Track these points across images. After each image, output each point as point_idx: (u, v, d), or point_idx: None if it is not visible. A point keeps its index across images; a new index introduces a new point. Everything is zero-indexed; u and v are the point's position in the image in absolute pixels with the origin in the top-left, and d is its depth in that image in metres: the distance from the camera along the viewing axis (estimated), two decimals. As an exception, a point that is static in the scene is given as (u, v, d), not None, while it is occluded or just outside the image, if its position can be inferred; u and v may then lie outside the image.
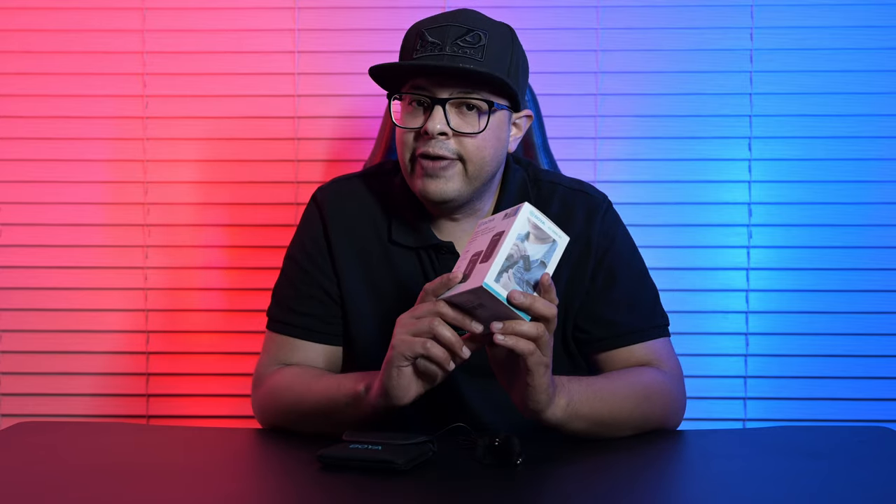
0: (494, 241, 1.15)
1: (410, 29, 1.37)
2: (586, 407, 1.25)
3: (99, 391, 2.18)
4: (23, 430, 1.37)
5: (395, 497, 1.08)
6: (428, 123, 1.31)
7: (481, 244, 1.18)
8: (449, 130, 1.31)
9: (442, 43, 1.31)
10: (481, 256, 1.16)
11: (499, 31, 1.34)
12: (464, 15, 1.34)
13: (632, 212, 1.74)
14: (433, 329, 1.15)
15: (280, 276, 1.48)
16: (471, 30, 1.31)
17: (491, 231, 1.18)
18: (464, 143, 1.32)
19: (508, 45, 1.34)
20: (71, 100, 2.15)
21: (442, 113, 1.30)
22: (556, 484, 1.13)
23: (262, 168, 2.15)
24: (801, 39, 2.11)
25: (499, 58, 1.32)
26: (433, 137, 1.31)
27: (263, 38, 2.14)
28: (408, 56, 1.34)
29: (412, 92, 1.33)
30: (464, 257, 1.19)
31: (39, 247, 2.16)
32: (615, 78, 2.13)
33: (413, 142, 1.33)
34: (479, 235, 1.20)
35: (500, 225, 1.17)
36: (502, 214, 1.19)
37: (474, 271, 1.15)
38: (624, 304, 1.42)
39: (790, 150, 2.12)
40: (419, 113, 1.33)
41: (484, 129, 1.32)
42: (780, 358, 2.14)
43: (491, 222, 1.20)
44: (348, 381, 1.30)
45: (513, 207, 1.18)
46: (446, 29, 1.32)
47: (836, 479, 1.15)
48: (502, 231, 1.15)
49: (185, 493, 1.10)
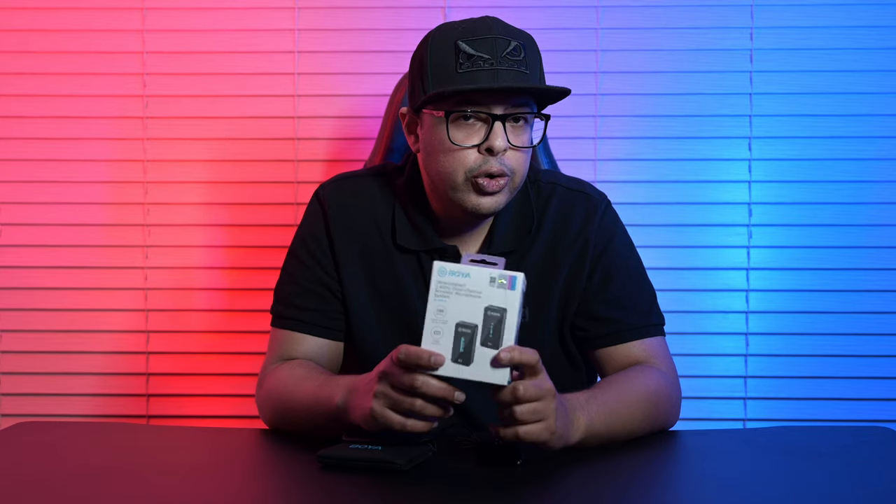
0: (493, 320, 1.11)
1: (438, 39, 1.33)
2: (603, 426, 1.26)
3: (99, 391, 2.18)
4: (23, 430, 1.37)
5: (395, 497, 1.08)
6: (496, 141, 1.29)
7: (463, 313, 1.11)
8: (508, 146, 1.31)
9: (492, 57, 1.29)
10: (480, 337, 1.11)
11: (529, 41, 1.34)
12: (496, 25, 1.32)
13: (632, 212, 1.74)
14: (416, 409, 1.13)
15: (282, 273, 1.48)
16: (510, 41, 1.30)
17: (475, 297, 1.12)
18: (516, 158, 1.32)
19: (538, 53, 1.35)
20: (71, 100, 2.15)
21: (503, 129, 1.30)
22: (556, 484, 1.13)
23: (262, 168, 2.15)
24: (801, 39, 2.11)
25: (536, 67, 1.33)
26: (495, 155, 1.30)
27: (263, 38, 2.14)
28: (449, 69, 1.30)
29: (470, 109, 1.29)
30: (435, 320, 1.12)
31: (39, 247, 2.16)
32: (615, 78, 2.13)
33: (470, 160, 1.31)
34: (453, 294, 1.12)
35: (489, 294, 1.11)
36: (482, 276, 1.12)
37: (478, 355, 1.11)
38: (621, 302, 1.42)
39: (790, 150, 2.12)
40: (472, 130, 1.31)
41: (539, 142, 1.35)
42: (780, 358, 2.14)
43: (462, 278, 1.12)
44: (327, 390, 1.28)
45: (483, 271, 1.12)
46: (491, 42, 1.30)
47: (836, 479, 1.15)
48: (501, 308, 1.11)
49: (185, 493, 1.10)
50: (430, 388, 1.12)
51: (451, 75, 1.30)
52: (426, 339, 1.12)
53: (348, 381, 1.27)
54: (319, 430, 1.29)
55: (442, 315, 1.12)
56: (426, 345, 1.12)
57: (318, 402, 1.29)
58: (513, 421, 1.14)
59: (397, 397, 1.14)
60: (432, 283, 1.13)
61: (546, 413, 1.14)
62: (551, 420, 1.15)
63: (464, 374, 1.11)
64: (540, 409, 1.13)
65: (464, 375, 1.11)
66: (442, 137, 1.31)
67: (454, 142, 1.30)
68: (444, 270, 1.13)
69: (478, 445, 1.22)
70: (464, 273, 1.12)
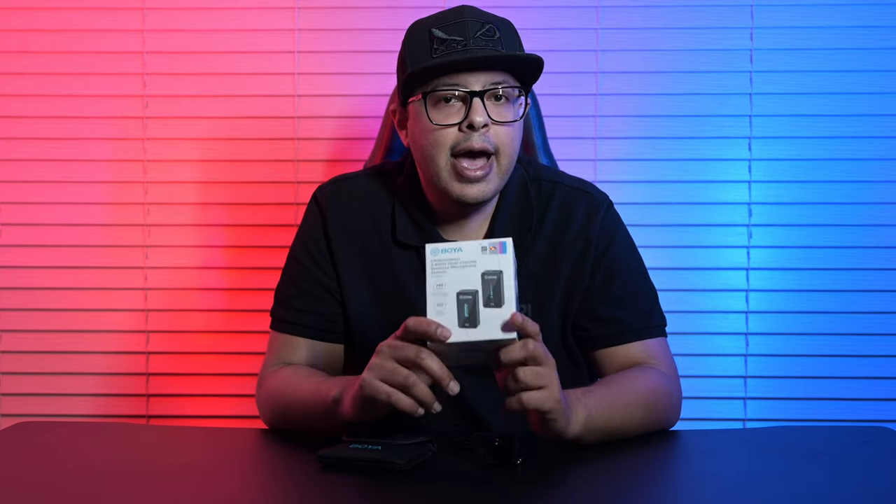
0: (491, 283, 1.13)
1: (415, 31, 1.36)
2: (602, 420, 1.25)
3: (99, 391, 2.18)
4: (23, 430, 1.37)
5: (395, 497, 1.08)
6: (474, 116, 1.29)
7: (462, 282, 1.14)
8: (489, 121, 1.31)
9: (464, 38, 1.30)
10: (482, 300, 1.13)
11: (505, 24, 1.36)
12: (469, 10, 1.34)
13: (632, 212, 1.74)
14: (408, 384, 1.13)
15: (282, 275, 1.48)
16: (484, 23, 1.32)
17: (470, 266, 1.14)
18: (500, 134, 1.32)
19: (516, 37, 1.36)
20: (71, 100, 2.15)
21: (482, 104, 1.30)
22: (556, 484, 1.13)
23: (262, 168, 2.15)
24: (801, 39, 2.11)
25: (513, 46, 1.34)
26: (476, 131, 1.30)
27: (263, 38, 2.14)
28: (425, 56, 1.32)
29: (448, 88, 1.30)
30: (436, 294, 1.14)
31: (39, 247, 2.16)
32: (615, 78, 2.13)
33: (451, 138, 1.31)
34: (449, 268, 1.15)
35: (482, 261, 1.14)
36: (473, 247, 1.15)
37: (483, 316, 1.12)
38: (622, 302, 1.42)
39: (790, 150, 2.12)
40: (452, 110, 1.32)
41: (521, 116, 1.34)
42: (780, 358, 2.14)
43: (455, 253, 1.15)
44: (326, 386, 1.29)
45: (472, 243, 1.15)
46: (463, 24, 1.31)
47: (836, 479, 1.15)
48: (497, 270, 1.13)
49: (185, 493, 1.10)
50: (430, 363, 1.12)
51: (426, 61, 1.31)
52: (430, 312, 1.13)
53: (348, 377, 1.27)
54: (317, 428, 1.29)
55: (442, 288, 1.14)
56: (431, 317, 1.13)
57: (316, 397, 1.29)
58: (516, 386, 1.13)
59: (391, 368, 1.14)
60: (427, 263, 1.15)
61: (549, 379, 1.14)
62: (555, 388, 1.15)
63: (472, 336, 1.13)
64: (543, 374, 1.14)
65: (473, 337, 1.13)
66: (424, 121, 1.32)
67: (434, 121, 1.31)
68: (436, 250, 1.16)
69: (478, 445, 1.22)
70: (455, 248, 1.16)
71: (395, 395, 1.14)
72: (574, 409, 1.22)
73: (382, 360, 1.16)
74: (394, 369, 1.14)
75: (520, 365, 1.13)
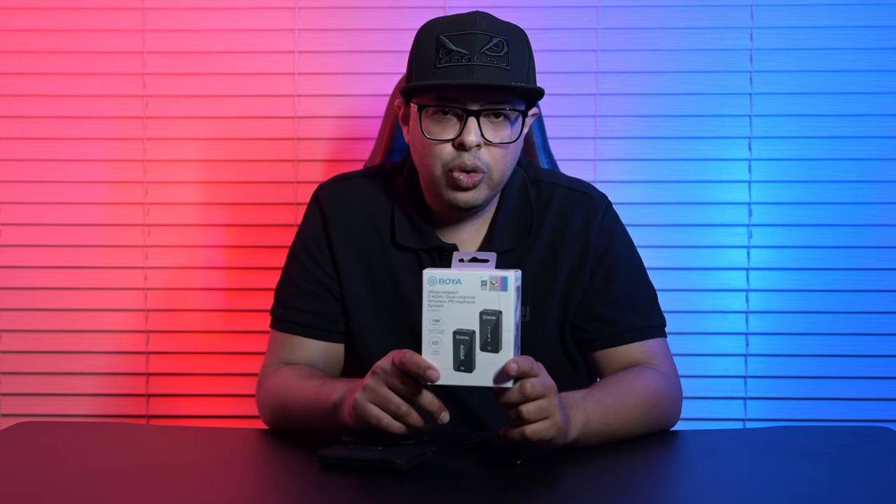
0: (490, 324, 1.11)
1: (424, 34, 1.35)
2: (600, 424, 1.25)
3: (99, 391, 2.18)
4: (23, 430, 1.37)
5: (395, 497, 1.08)
6: (466, 137, 1.30)
7: (459, 320, 1.11)
8: (482, 142, 1.31)
9: (469, 53, 1.29)
10: (479, 342, 1.11)
11: (517, 36, 1.34)
12: (481, 20, 1.32)
13: (632, 212, 1.74)
14: (400, 413, 1.14)
15: (282, 275, 1.48)
16: (493, 37, 1.30)
17: (469, 303, 1.11)
18: (493, 154, 1.32)
19: (526, 49, 1.35)
20: (71, 100, 2.15)
21: (476, 125, 1.30)
22: (556, 484, 1.13)
23: (262, 168, 2.15)
24: (801, 39, 2.11)
25: (521, 63, 1.33)
26: (468, 150, 1.30)
27: (263, 38, 2.14)
28: (429, 64, 1.31)
29: (445, 105, 1.31)
30: (432, 330, 1.12)
31: (39, 247, 2.16)
32: (615, 78, 2.13)
33: (445, 154, 1.32)
34: (447, 302, 1.11)
35: (482, 298, 1.11)
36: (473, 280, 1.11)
37: (479, 361, 1.11)
38: (622, 303, 1.42)
39: (790, 150, 2.12)
40: (448, 124, 1.32)
41: (517, 139, 1.34)
42: (780, 358, 2.14)
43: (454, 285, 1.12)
44: (327, 388, 1.29)
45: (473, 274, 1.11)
46: (470, 37, 1.30)
47: (836, 479, 1.15)
48: (496, 310, 1.10)
49: (185, 493, 1.10)
50: (423, 399, 1.14)
51: (430, 70, 1.31)
52: (425, 350, 1.13)
53: (350, 381, 1.27)
54: (317, 429, 1.29)
55: (438, 325, 1.12)
56: (426, 356, 1.13)
57: (317, 399, 1.29)
58: (519, 421, 1.14)
59: (384, 394, 1.15)
60: (424, 293, 1.13)
61: (551, 410, 1.14)
62: (557, 416, 1.15)
63: (467, 382, 1.12)
64: (545, 407, 1.14)
65: (467, 382, 1.12)
66: (420, 131, 1.33)
67: (428, 135, 1.32)
68: (434, 279, 1.12)
69: (478, 445, 1.22)
70: (455, 279, 1.12)
71: (385, 420, 1.15)
72: (572, 413, 1.21)
73: (376, 384, 1.16)
74: (386, 396, 1.15)
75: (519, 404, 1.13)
